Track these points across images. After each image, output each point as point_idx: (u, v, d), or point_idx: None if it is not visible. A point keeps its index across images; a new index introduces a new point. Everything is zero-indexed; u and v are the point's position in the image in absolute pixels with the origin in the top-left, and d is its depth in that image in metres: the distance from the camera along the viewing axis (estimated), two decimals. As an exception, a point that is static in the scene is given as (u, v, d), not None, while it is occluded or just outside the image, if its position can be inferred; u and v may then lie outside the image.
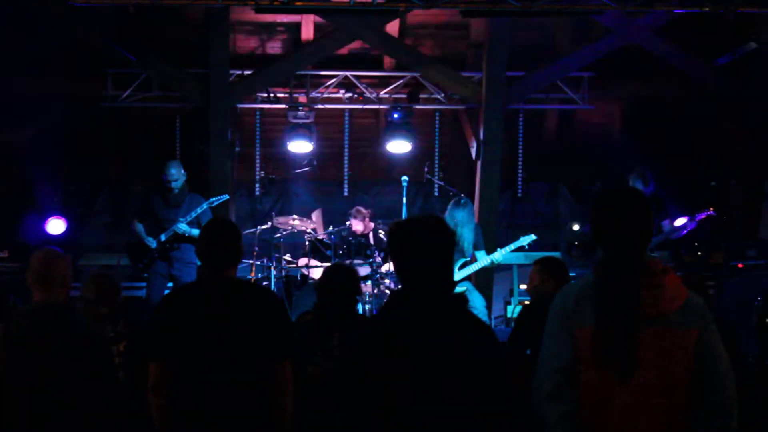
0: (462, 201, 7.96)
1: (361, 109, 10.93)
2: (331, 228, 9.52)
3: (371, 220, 9.46)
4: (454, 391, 2.71)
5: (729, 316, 7.82)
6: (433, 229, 2.89)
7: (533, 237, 8.04)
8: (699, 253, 9.70)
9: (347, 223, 9.56)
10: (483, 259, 7.93)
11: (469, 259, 7.95)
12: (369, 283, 8.59)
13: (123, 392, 4.07)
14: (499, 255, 7.90)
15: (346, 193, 11.41)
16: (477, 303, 7.71)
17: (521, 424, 2.81)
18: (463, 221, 7.83)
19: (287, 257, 9.39)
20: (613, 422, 2.69)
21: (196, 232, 7.78)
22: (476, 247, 8.03)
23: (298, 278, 9.21)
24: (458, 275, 7.60)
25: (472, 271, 7.93)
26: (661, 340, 2.69)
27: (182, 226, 7.84)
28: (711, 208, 8.33)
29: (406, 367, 2.73)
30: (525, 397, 2.85)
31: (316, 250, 9.58)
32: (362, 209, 9.56)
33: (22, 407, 3.60)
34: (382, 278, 8.68)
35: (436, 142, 11.28)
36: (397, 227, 2.97)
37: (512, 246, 7.98)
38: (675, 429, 2.70)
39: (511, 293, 9.76)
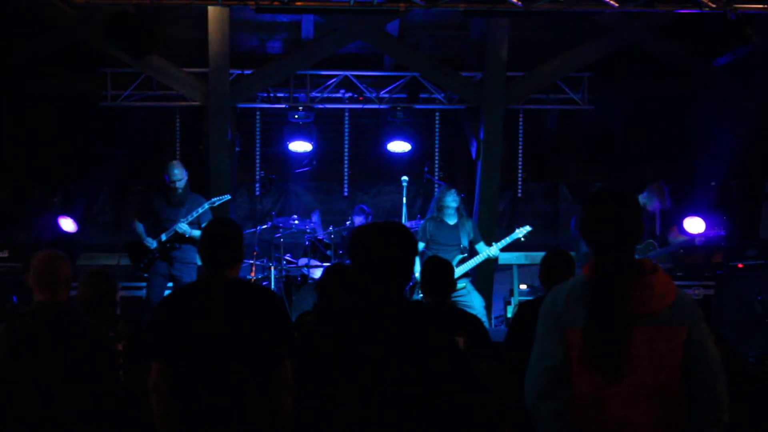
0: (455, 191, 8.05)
1: (361, 109, 10.93)
2: (331, 228, 9.52)
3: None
4: (409, 409, 2.72)
5: (729, 316, 7.84)
6: (393, 237, 2.90)
7: (528, 228, 8.05)
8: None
9: (347, 222, 9.57)
10: (482, 253, 7.94)
11: (466, 255, 7.95)
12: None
13: (123, 392, 4.07)
14: (495, 249, 7.94)
15: (346, 193, 11.41)
16: (476, 303, 7.70)
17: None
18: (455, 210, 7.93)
19: (287, 257, 9.40)
20: (606, 421, 2.70)
21: (196, 233, 7.78)
22: (475, 241, 8.04)
23: (298, 278, 9.21)
24: (457, 271, 7.58)
25: (471, 266, 7.93)
26: (652, 338, 2.71)
27: (183, 226, 7.84)
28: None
29: (355, 377, 2.74)
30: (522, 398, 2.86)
31: (316, 250, 9.58)
32: (365, 207, 9.62)
33: (23, 407, 3.60)
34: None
35: (436, 142, 11.28)
36: (358, 233, 2.97)
37: (508, 239, 8.01)
38: (669, 426, 2.72)
39: (511, 293, 9.76)
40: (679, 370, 2.72)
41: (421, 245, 7.96)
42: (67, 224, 9.53)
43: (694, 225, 8.75)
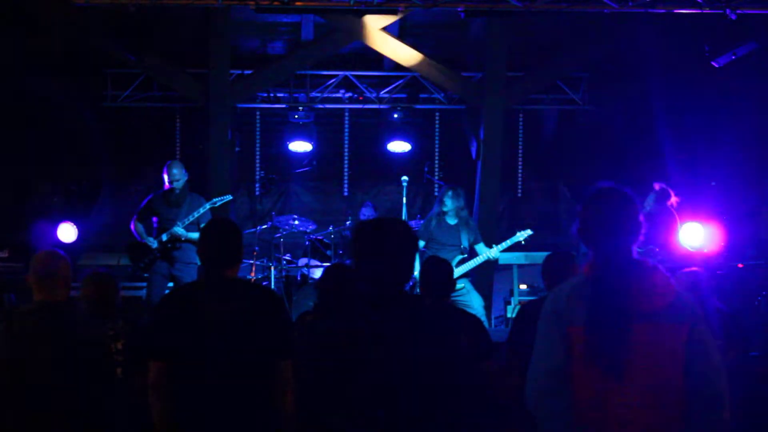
0: (458, 191, 8.02)
1: (361, 109, 10.93)
2: (331, 228, 9.53)
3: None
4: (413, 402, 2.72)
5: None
6: (396, 233, 2.90)
7: (529, 232, 8.04)
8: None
9: (347, 222, 9.57)
10: (482, 254, 7.93)
11: (466, 255, 7.94)
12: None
13: (122, 391, 4.07)
14: (496, 251, 7.93)
15: (346, 193, 11.42)
16: (475, 303, 7.69)
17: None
18: (457, 209, 7.91)
19: (287, 257, 9.40)
20: (608, 419, 2.71)
21: (193, 235, 7.78)
22: (475, 242, 8.03)
23: (298, 278, 9.21)
24: (457, 272, 7.57)
25: (471, 267, 7.92)
26: (653, 336, 2.72)
27: (179, 230, 7.82)
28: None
29: (356, 377, 2.74)
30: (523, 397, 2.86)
31: (316, 250, 9.59)
32: (370, 203, 9.67)
33: (22, 406, 3.60)
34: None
35: (436, 142, 11.29)
36: (359, 228, 2.98)
37: (508, 242, 7.99)
38: (670, 423, 2.72)
39: (511, 293, 9.76)
40: (680, 368, 2.72)
41: (421, 243, 7.97)
42: (67, 232, 9.48)
43: (694, 232, 8.71)
